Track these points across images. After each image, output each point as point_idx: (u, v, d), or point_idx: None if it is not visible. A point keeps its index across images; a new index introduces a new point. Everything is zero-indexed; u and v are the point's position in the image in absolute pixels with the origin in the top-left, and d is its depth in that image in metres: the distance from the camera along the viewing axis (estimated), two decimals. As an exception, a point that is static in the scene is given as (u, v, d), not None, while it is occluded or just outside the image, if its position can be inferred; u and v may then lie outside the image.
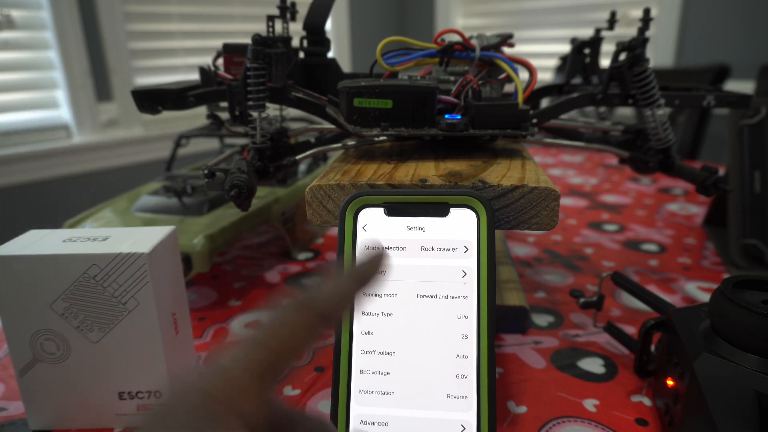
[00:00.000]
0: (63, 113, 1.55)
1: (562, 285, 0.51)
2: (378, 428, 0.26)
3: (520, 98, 0.36)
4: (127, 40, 1.61)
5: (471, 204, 0.28)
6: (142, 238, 0.31)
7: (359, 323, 0.28)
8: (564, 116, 0.44)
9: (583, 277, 0.53)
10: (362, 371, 0.27)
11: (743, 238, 0.54)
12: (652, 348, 0.37)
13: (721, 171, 0.70)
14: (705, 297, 0.49)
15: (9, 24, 1.38)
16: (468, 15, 2.21)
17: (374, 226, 0.28)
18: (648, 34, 0.41)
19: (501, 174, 0.32)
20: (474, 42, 0.38)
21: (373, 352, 0.27)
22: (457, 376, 0.26)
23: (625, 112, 1.60)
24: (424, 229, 0.28)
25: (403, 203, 0.28)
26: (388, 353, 0.27)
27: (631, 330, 0.43)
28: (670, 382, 0.31)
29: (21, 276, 0.29)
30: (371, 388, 0.27)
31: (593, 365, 0.39)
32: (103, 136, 1.61)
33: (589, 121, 0.51)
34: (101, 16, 1.54)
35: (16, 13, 1.40)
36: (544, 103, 0.47)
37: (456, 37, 0.38)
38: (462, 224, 0.28)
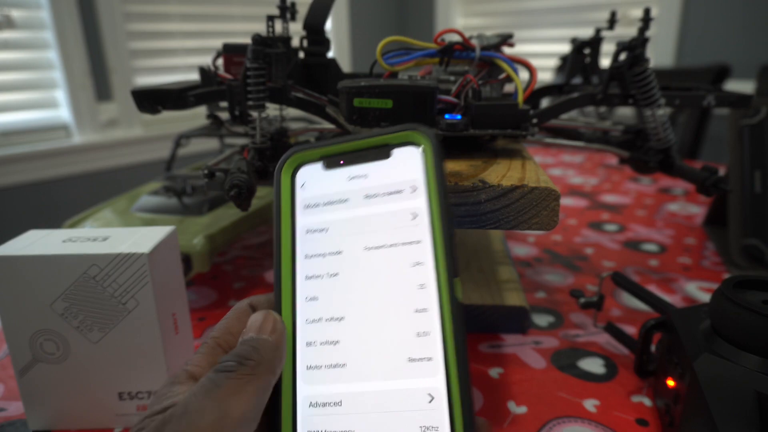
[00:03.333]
0: (63, 113, 1.55)
1: (562, 285, 0.51)
2: (330, 410, 0.22)
3: (520, 98, 0.36)
4: (126, 40, 1.61)
5: (413, 140, 0.25)
6: (142, 238, 0.31)
7: (302, 289, 0.24)
8: (564, 116, 0.44)
9: (583, 277, 0.53)
10: (309, 343, 0.23)
11: (744, 238, 0.54)
12: (653, 348, 0.37)
13: (722, 171, 0.70)
14: (705, 297, 0.49)
15: (9, 23, 1.38)
16: (468, 15, 2.21)
17: (313, 182, 0.26)
18: (648, 33, 0.41)
19: (501, 174, 0.32)
20: (474, 42, 0.38)
21: (320, 319, 0.24)
22: (417, 335, 0.22)
23: (625, 112, 1.60)
24: (366, 176, 0.25)
25: (341, 153, 0.26)
26: (336, 319, 0.24)
27: (631, 330, 0.43)
28: (670, 383, 0.31)
29: (21, 276, 0.29)
30: (320, 362, 0.23)
31: (593, 365, 0.39)
32: (103, 136, 1.61)
33: (590, 121, 0.51)
34: (101, 16, 1.54)
35: (15, 13, 1.40)
36: (544, 103, 0.47)
37: (456, 37, 0.38)
38: (406, 163, 0.25)
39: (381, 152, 0.25)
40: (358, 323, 0.23)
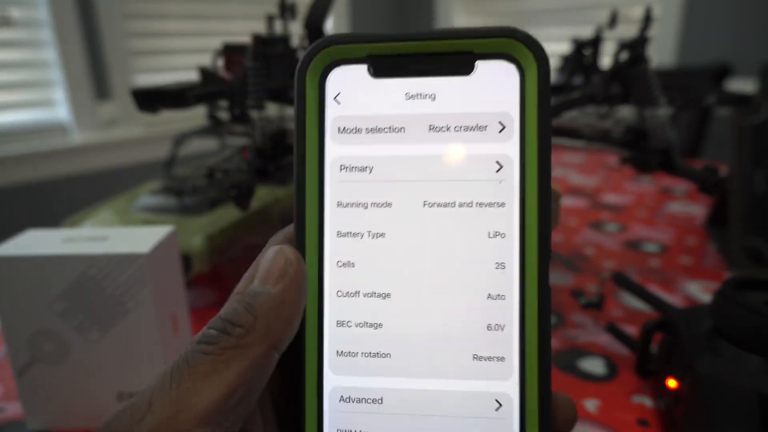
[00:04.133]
0: (62, 113, 1.55)
1: (562, 285, 0.51)
2: (367, 407, 0.18)
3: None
4: (126, 40, 1.61)
5: (509, 50, 0.17)
6: (141, 238, 0.31)
7: (333, 249, 0.18)
8: (565, 116, 0.43)
9: (584, 277, 0.53)
10: (340, 323, 0.18)
11: (745, 239, 0.54)
12: (654, 348, 0.36)
13: (723, 170, 0.70)
14: (706, 297, 0.49)
15: (7, 22, 1.38)
16: (468, 14, 2.21)
17: (353, 94, 0.18)
18: (649, 33, 0.41)
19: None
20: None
21: (357, 293, 0.18)
22: (488, 328, 0.18)
23: (626, 112, 1.60)
24: (433, 97, 0.18)
25: (401, 55, 0.18)
26: (380, 295, 0.18)
27: (632, 330, 0.43)
28: (671, 383, 0.31)
29: (19, 276, 0.29)
30: (355, 348, 0.18)
31: (594, 366, 0.39)
32: (103, 136, 1.61)
33: (590, 121, 0.51)
34: (100, 15, 1.54)
35: (14, 13, 1.40)
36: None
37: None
38: (496, 85, 0.18)
39: (459, 63, 0.18)
40: (410, 304, 0.18)
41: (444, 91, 0.18)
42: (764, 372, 0.26)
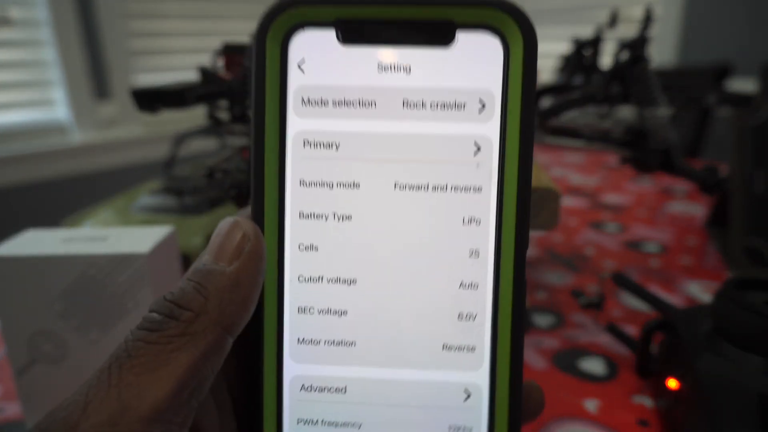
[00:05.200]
0: (61, 113, 1.55)
1: (562, 285, 0.51)
2: (330, 396, 0.17)
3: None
4: (126, 39, 1.61)
5: (495, 24, 0.16)
6: (141, 238, 0.31)
7: (295, 232, 0.17)
8: (564, 116, 0.43)
9: (584, 277, 0.53)
10: (302, 310, 0.17)
11: (745, 239, 0.54)
12: (654, 349, 0.36)
13: (723, 170, 0.70)
14: (707, 297, 0.49)
15: (6, 22, 1.38)
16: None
17: (319, 62, 0.16)
18: (650, 32, 0.41)
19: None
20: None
21: (320, 279, 0.17)
22: (459, 317, 0.17)
23: (626, 112, 1.60)
24: (408, 70, 0.16)
25: (374, 20, 0.16)
26: (345, 281, 0.17)
27: (632, 330, 0.43)
28: (671, 383, 0.31)
29: (18, 276, 0.29)
30: (317, 336, 0.17)
31: (594, 366, 0.39)
32: (103, 136, 1.61)
33: (590, 121, 0.51)
34: (100, 15, 1.54)
35: (14, 12, 1.40)
36: (545, 102, 0.47)
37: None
38: (477, 61, 0.16)
39: (438, 33, 0.16)
40: (377, 291, 0.17)
41: (420, 64, 0.16)
42: (765, 372, 0.26)
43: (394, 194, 0.17)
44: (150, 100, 0.36)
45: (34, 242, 0.30)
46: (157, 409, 0.12)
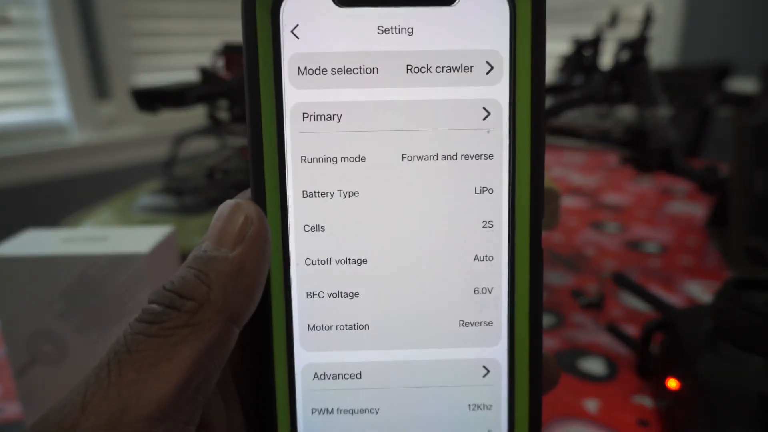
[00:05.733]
0: (61, 113, 1.55)
1: (562, 285, 0.51)
2: (344, 383, 0.17)
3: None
4: (125, 39, 1.61)
5: None
6: (141, 238, 0.31)
7: (299, 212, 0.16)
8: (564, 116, 0.43)
9: (584, 277, 0.53)
10: (311, 294, 0.16)
11: (745, 239, 0.54)
12: (654, 349, 0.36)
13: (723, 169, 0.70)
14: (707, 297, 0.49)
15: (6, 22, 1.38)
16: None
17: (315, 27, 0.15)
18: (650, 32, 0.40)
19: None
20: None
21: (328, 261, 0.16)
22: (475, 291, 0.16)
23: (626, 112, 1.60)
24: (411, 32, 0.15)
25: None
26: (355, 261, 0.16)
27: (632, 330, 0.43)
28: (672, 384, 0.31)
29: (18, 277, 0.29)
30: (329, 321, 0.16)
31: (594, 366, 0.39)
32: (102, 136, 1.61)
33: (590, 121, 0.51)
34: (100, 15, 1.54)
35: (13, 12, 1.40)
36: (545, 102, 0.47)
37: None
38: (483, 21, 0.15)
39: None
40: (389, 270, 0.16)
41: (423, 25, 0.15)
42: (765, 372, 0.26)
43: (402, 166, 0.16)
44: (150, 100, 0.36)
45: (34, 242, 0.30)
46: (160, 407, 0.12)
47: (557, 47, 0.88)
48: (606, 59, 0.42)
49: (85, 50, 1.52)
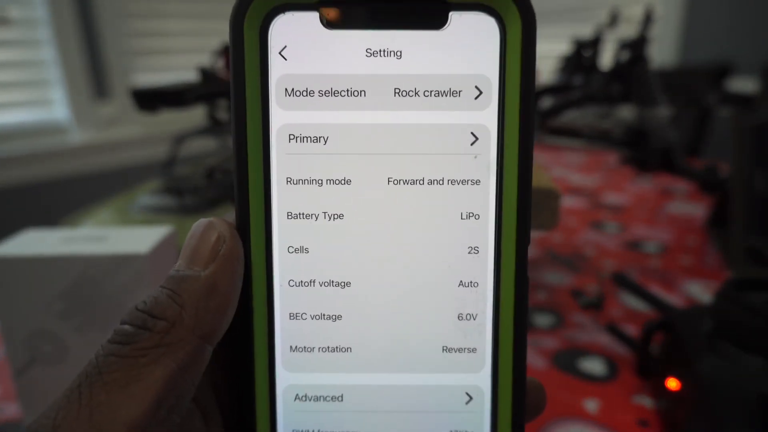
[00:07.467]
0: (60, 113, 1.55)
1: (562, 285, 0.51)
2: (325, 405, 0.16)
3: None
4: (125, 39, 1.61)
5: (491, 4, 0.15)
6: (141, 239, 0.31)
7: (284, 234, 0.16)
8: (564, 116, 0.43)
9: (584, 277, 0.53)
10: (294, 316, 0.16)
11: (745, 239, 0.54)
12: (654, 349, 0.36)
13: (723, 169, 0.70)
14: (707, 298, 0.49)
15: (5, 22, 1.38)
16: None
17: (303, 49, 0.15)
18: (650, 32, 0.40)
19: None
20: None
21: (312, 283, 0.16)
22: (459, 317, 0.16)
23: (626, 112, 1.60)
24: (399, 55, 0.15)
25: (360, 2, 0.15)
26: (339, 284, 0.16)
27: (632, 330, 0.43)
28: (672, 384, 0.31)
29: (18, 277, 0.29)
30: (311, 343, 0.16)
31: (594, 366, 0.39)
32: (102, 136, 1.61)
33: (590, 121, 0.51)
34: (99, 14, 1.54)
35: (12, 12, 1.40)
36: (545, 103, 0.47)
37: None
38: (473, 45, 0.15)
39: (430, 14, 0.15)
40: (372, 294, 0.16)
41: (412, 48, 0.15)
42: (765, 372, 0.26)
43: (388, 190, 0.16)
44: (150, 100, 0.36)
45: (34, 242, 0.30)
46: (132, 428, 0.12)
47: (557, 47, 0.88)
48: (606, 59, 0.42)
49: (84, 50, 1.52)
